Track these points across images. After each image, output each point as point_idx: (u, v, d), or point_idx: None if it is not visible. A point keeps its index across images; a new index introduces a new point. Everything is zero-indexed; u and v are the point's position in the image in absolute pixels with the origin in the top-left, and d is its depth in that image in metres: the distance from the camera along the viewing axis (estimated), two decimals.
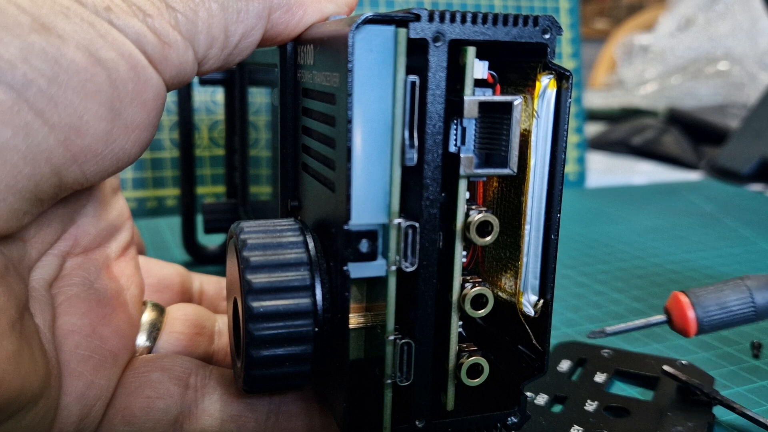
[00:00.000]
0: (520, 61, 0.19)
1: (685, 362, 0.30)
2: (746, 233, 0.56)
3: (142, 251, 0.30)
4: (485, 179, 0.21)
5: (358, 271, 0.18)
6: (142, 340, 0.24)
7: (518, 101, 0.18)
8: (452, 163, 0.18)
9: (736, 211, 0.63)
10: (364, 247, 0.18)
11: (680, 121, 0.99)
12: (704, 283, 0.43)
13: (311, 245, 0.19)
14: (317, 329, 0.19)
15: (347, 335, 0.18)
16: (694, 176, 0.83)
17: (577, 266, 0.46)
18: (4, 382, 0.16)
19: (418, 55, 0.17)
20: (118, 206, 0.24)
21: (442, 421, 0.20)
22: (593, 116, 1.16)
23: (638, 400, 0.27)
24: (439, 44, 0.17)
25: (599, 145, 1.00)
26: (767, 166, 0.77)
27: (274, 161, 0.27)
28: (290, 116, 0.23)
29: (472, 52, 0.18)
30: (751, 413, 0.25)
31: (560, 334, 0.34)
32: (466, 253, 0.20)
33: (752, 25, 1.17)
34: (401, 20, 0.17)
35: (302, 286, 0.19)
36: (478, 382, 0.20)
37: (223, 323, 0.26)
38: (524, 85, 0.19)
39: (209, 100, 0.58)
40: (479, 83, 0.19)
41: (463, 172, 0.18)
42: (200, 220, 0.42)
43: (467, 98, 0.18)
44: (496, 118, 0.19)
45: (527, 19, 0.18)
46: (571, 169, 0.73)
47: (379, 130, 0.17)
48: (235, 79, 0.37)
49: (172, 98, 0.51)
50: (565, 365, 0.30)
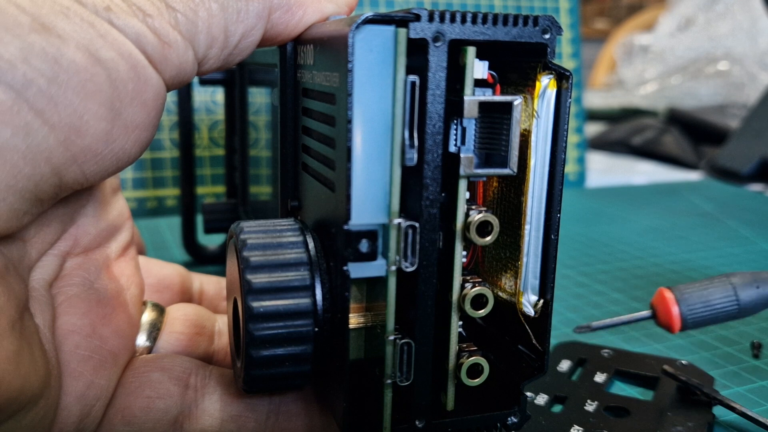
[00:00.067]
0: (520, 61, 0.19)
1: (685, 362, 0.30)
2: (746, 233, 0.56)
3: (142, 251, 0.30)
4: (485, 179, 0.21)
5: (358, 271, 0.18)
6: (142, 340, 0.24)
7: (518, 101, 0.18)
8: (452, 163, 0.18)
9: (736, 211, 0.63)
10: (364, 247, 0.18)
11: (680, 121, 0.99)
12: None
13: (311, 245, 0.19)
14: (317, 329, 0.19)
15: (347, 335, 0.18)
16: (694, 176, 0.83)
17: (577, 266, 0.46)
18: (4, 382, 0.16)
19: (418, 55, 0.17)
20: (118, 206, 0.24)
21: (442, 421, 0.20)
22: (593, 116, 1.16)
23: (638, 400, 0.27)
24: (439, 44, 0.17)
25: (599, 145, 1.00)
26: (767, 166, 0.77)
27: (274, 161, 0.27)
28: (290, 116, 0.23)
29: (472, 52, 0.18)
30: (751, 413, 0.25)
31: (560, 334, 0.34)
32: (466, 253, 0.20)
33: (752, 25, 1.17)
34: (401, 20, 0.17)
35: (302, 286, 0.19)
36: (478, 382, 0.20)
37: (223, 323, 0.26)
38: (524, 85, 0.19)
39: (209, 100, 0.58)
40: (479, 83, 0.19)
41: (463, 172, 0.18)
42: (200, 220, 0.42)
43: (467, 98, 0.18)
44: (496, 118, 0.19)
45: (527, 19, 0.18)
46: (571, 169, 0.73)
47: (379, 130, 0.17)
48: (235, 79, 0.37)
49: (172, 98, 0.51)
50: (565, 365, 0.30)
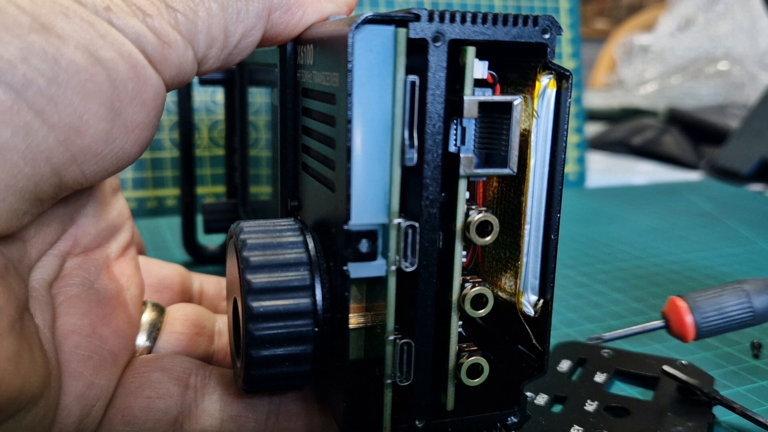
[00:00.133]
0: (520, 61, 0.19)
1: (685, 362, 0.30)
2: (746, 233, 0.56)
3: (142, 251, 0.30)
4: (485, 179, 0.21)
5: (358, 271, 0.18)
6: (142, 340, 0.24)
7: (518, 101, 0.18)
8: (452, 163, 0.18)
9: (736, 211, 0.63)
10: (364, 247, 0.18)
11: (680, 121, 0.99)
12: (704, 283, 0.43)
13: (311, 245, 0.19)
14: (317, 329, 0.19)
15: (347, 335, 0.18)
16: (694, 176, 0.83)
17: (577, 266, 0.46)
18: (4, 382, 0.16)
19: (417, 55, 0.17)
20: (118, 206, 0.24)
21: (442, 421, 0.20)
22: (593, 116, 1.16)
23: (638, 400, 0.27)
24: (438, 44, 0.17)
25: (599, 145, 1.00)
26: (767, 166, 0.77)
27: (274, 161, 0.27)
28: (290, 116, 0.23)
29: (471, 52, 0.18)
30: (751, 413, 0.25)
31: (560, 334, 0.34)
32: (466, 253, 0.20)
33: (752, 25, 1.17)
34: (401, 20, 0.17)
35: (302, 286, 0.19)
36: (478, 382, 0.20)
37: (223, 323, 0.26)
38: (524, 85, 0.19)
39: (209, 100, 0.58)
40: (479, 83, 0.19)
41: (463, 172, 0.18)
42: (200, 220, 0.42)
43: (467, 98, 0.18)
44: (496, 118, 0.19)
45: (527, 19, 0.18)
46: (571, 169, 0.73)
47: (378, 130, 0.17)
48: (235, 79, 0.37)
49: (172, 98, 0.51)
50: (565, 365, 0.30)
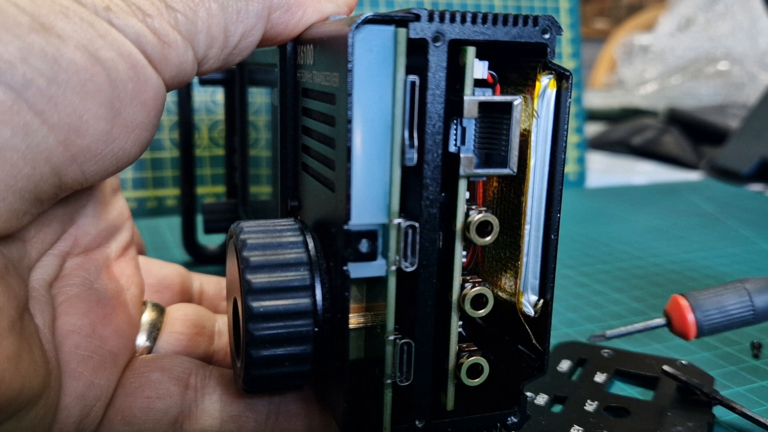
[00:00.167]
0: (520, 61, 0.19)
1: (685, 362, 0.30)
2: (746, 233, 0.56)
3: (142, 251, 0.30)
4: (485, 179, 0.21)
5: (358, 271, 0.18)
6: (142, 340, 0.24)
7: (518, 101, 0.18)
8: (452, 163, 0.18)
9: (736, 211, 0.63)
10: (364, 247, 0.18)
11: (680, 121, 0.99)
12: (704, 283, 0.43)
13: (311, 245, 0.19)
14: (317, 329, 0.19)
15: (347, 335, 0.18)
16: (694, 176, 0.83)
17: (577, 266, 0.46)
18: (4, 382, 0.16)
19: (418, 55, 0.17)
20: (118, 206, 0.24)
21: (442, 421, 0.20)
22: (593, 116, 1.16)
23: (638, 400, 0.27)
24: (438, 44, 0.17)
25: (599, 145, 1.00)
26: (767, 166, 0.77)
27: (274, 161, 0.27)
28: (290, 116, 0.23)
29: (471, 52, 0.18)
30: (751, 413, 0.25)
31: (560, 334, 0.34)
32: (466, 253, 0.20)
33: (752, 25, 1.17)
34: (401, 20, 0.17)
35: (302, 286, 0.19)
36: (478, 382, 0.20)
37: (223, 323, 0.26)
38: (524, 85, 0.19)
39: (209, 100, 0.58)
40: (479, 83, 0.19)
41: (463, 172, 0.18)
42: (200, 220, 0.42)
43: (467, 98, 0.18)
44: (496, 118, 0.19)
45: (527, 19, 0.18)
46: (571, 169, 0.73)
47: (379, 130, 0.17)
48: (235, 79, 0.37)
49: (172, 98, 0.51)
50: (565, 365, 0.30)
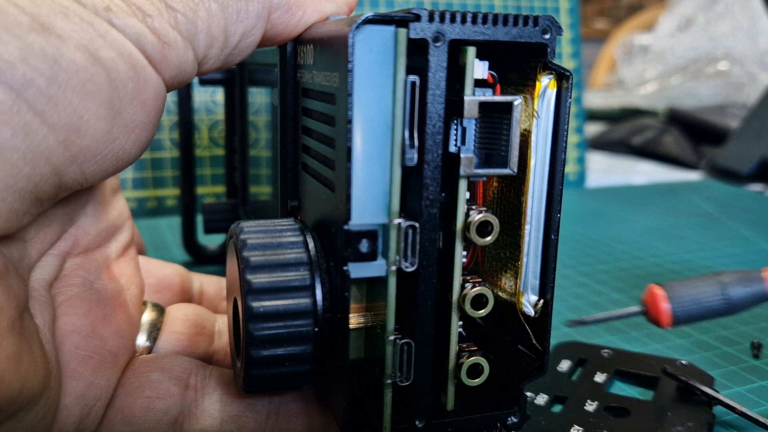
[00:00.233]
0: (520, 61, 0.19)
1: (685, 362, 0.30)
2: (746, 233, 0.56)
3: (142, 251, 0.30)
4: (485, 179, 0.21)
5: (358, 271, 0.18)
6: (142, 340, 0.24)
7: (518, 101, 0.18)
8: (452, 163, 0.18)
9: (736, 211, 0.63)
10: (364, 247, 0.18)
11: (680, 121, 0.99)
12: None
13: (311, 245, 0.19)
14: (317, 329, 0.19)
15: (347, 335, 0.18)
16: (694, 176, 0.83)
17: (577, 266, 0.46)
18: (4, 382, 0.16)
19: (418, 55, 0.17)
20: (118, 206, 0.24)
21: (442, 421, 0.20)
22: (593, 116, 1.16)
23: (638, 400, 0.27)
24: (439, 44, 0.17)
25: (599, 145, 1.00)
26: (767, 166, 0.77)
27: (274, 161, 0.27)
28: (290, 116, 0.23)
29: (472, 52, 0.18)
30: (751, 413, 0.25)
31: (560, 334, 0.34)
32: (466, 253, 0.20)
33: (752, 25, 1.17)
34: (401, 20, 0.17)
35: (302, 286, 0.19)
36: (478, 382, 0.20)
37: (223, 323, 0.26)
38: (524, 85, 0.19)
39: (209, 100, 0.58)
40: (479, 83, 0.19)
41: (463, 172, 0.18)
42: (200, 220, 0.42)
43: (467, 98, 0.18)
44: (496, 118, 0.19)
45: (527, 19, 0.18)
46: (571, 169, 0.73)
47: (379, 130, 0.17)
48: (235, 79, 0.37)
49: (172, 98, 0.51)
50: (565, 365, 0.30)
